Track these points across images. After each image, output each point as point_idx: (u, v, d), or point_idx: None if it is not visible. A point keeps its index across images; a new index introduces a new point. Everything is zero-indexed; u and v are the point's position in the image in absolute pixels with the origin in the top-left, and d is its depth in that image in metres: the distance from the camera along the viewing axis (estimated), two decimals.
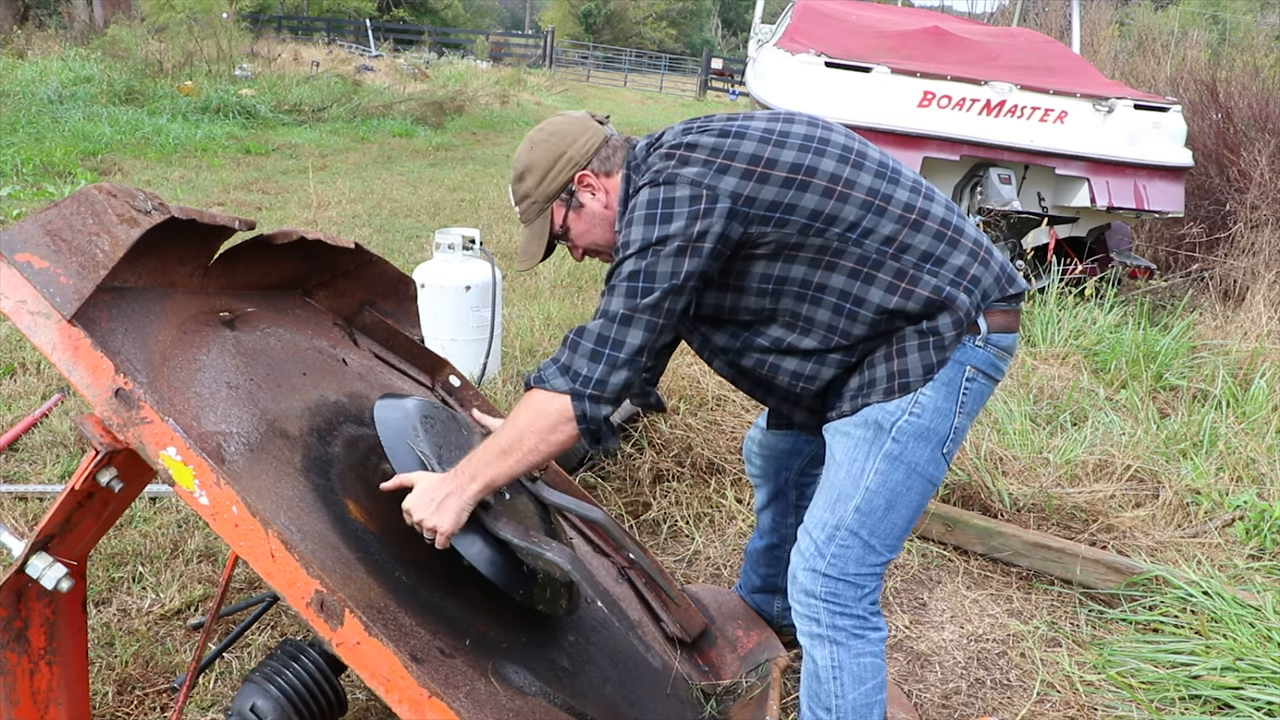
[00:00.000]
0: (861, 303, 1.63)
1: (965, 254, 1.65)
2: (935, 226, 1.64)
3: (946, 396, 1.65)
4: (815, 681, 1.75)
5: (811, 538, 1.72)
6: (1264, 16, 21.73)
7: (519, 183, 1.78)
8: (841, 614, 1.70)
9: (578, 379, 1.54)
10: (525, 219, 1.81)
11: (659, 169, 1.60)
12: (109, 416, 1.23)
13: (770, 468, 2.21)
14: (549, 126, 1.78)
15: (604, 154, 1.75)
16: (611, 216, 1.76)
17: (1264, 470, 3.36)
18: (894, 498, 1.67)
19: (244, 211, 6.61)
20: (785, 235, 1.60)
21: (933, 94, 5.28)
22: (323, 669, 1.58)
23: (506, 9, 60.71)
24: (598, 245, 1.82)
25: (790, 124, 1.67)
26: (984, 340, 1.65)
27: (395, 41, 27.80)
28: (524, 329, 4.40)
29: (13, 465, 2.90)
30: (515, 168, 1.79)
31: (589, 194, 1.76)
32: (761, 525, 2.31)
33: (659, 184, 1.58)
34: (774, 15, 9.43)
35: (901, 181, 1.67)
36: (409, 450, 1.67)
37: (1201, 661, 2.34)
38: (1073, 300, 4.95)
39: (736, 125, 1.65)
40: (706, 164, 1.58)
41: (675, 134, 1.68)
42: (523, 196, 1.79)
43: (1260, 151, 6.23)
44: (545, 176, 1.75)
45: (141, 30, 15.91)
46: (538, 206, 1.78)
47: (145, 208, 1.33)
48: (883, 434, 1.65)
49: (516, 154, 1.79)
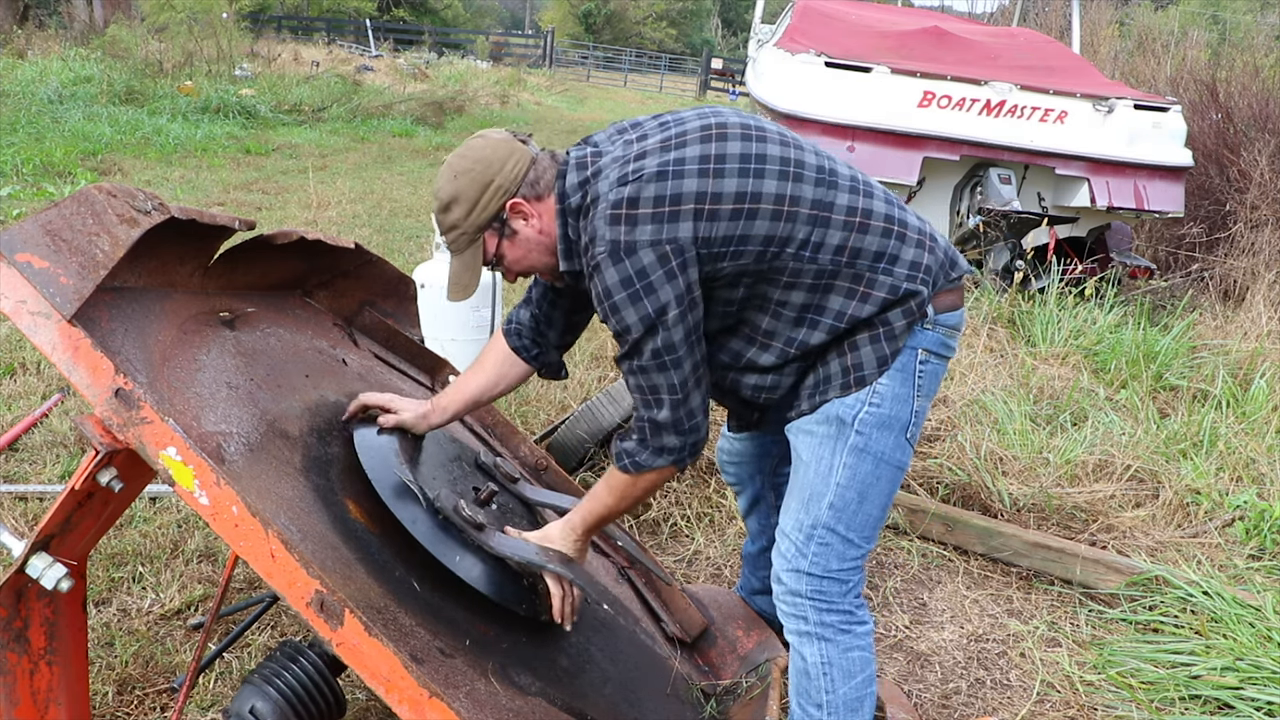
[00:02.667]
0: (822, 311, 1.64)
1: (914, 246, 1.66)
2: (880, 225, 1.64)
3: (903, 382, 1.66)
4: (805, 679, 1.75)
5: (790, 539, 1.73)
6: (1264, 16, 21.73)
7: (445, 213, 1.68)
8: (828, 610, 1.72)
9: (675, 452, 1.64)
10: (455, 250, 1.72)
11: (612, 240, 1.53)
12: (109, 416, 1.23)
13: (744, 473, 2.24)
14: (471, 153, 1.67)
15: (532, 177, 1.66)
16: (548, 241, 1.69)
17: (1264, 470, 3.36)
18: (865, 489, 1.68)
19: (244, 211, 6.61)
20: (742, 265, 1.59)
21: (933, 94, 5.28)
22: (322, 670, 1.58)
23: (506, 9, 60.70)
24: (534, 269, 1.76)
25: (724, 142, 1.60)
26: (932, 322, 1.67)
27: (395, 41, 27.80)
28: None
29: (13, 465, 2.90)
30: (439, 197, 1.68)
31: (522, 221, 1.68)
32: (750, 529, 2.33)
33: (621, 258, 1.52)
34: (774, 15, 9.43)
35: (840, 184, 1.64)
36: (396, 480, 1.67)
37: (1201, 661, 2.34)
38: (1073, 300, 4.95)
39: (672, 160, 1.57)
40: (655, 218, 1.53)
41: (611, 184, 1.58)
42: (450, 227, 1.69)
43: (1260, 151, 6.23)
44: (474, 207, 1.66)
45: (141, 30, 15.92)
46: (468, 237, 1.69)
47: (145, 208, 1.33)
48: (846, 428, 1.66)
49: (438, 183, 1.69)
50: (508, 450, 2.36)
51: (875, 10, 7.60)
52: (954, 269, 1.71)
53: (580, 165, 1.67)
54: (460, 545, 1.63)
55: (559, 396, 3.58)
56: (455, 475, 1.86)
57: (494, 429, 2.40)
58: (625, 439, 1.67)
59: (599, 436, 3.02)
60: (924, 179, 5.37)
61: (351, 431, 1.78)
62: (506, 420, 2.44)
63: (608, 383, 3.68)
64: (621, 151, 1.65)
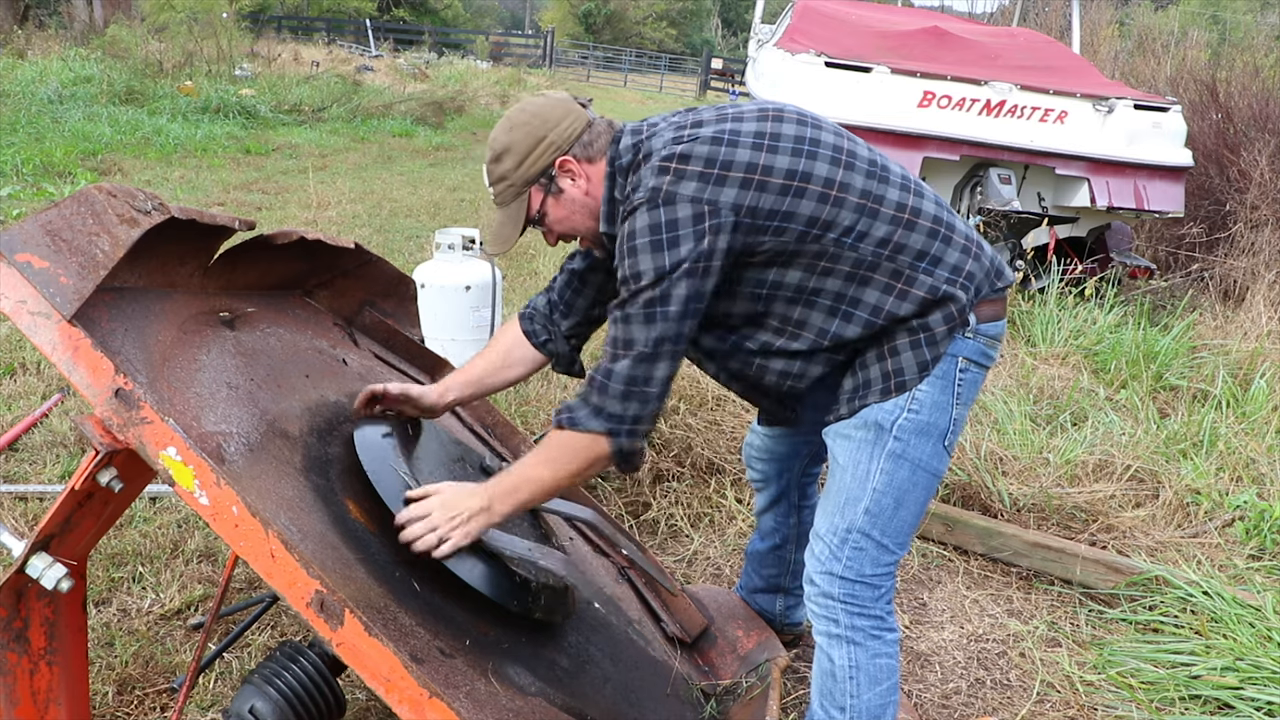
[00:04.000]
0: (857, 304, 1.63)
1: (959, 251, 1.65)
2: (928, 225, 1.63)
3: (943, 390, 1.65)
4: (831, 680, 1.75)
5: (825, 542, 1.72)
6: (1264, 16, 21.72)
7: (496, 164, 1.69)
8: (860, 615, 1.71)
9: (612, 419, 1.54)
10: (500, 201, 1.72)
11: (654, 186, 1.53)
12: (109, 416, 1.23)
13: (772, 471, 2.21)
14: (530, 107, 1.70)
15: (586, 139, 1.67)
16: (593, 205, 1.70)
17: (1264, 470, 3.36)
18: (902, 496, 1.67)
19: (244, 211, 6.61)
20: (783, 243, 1.58)
21: (933, 94, 5.28)
22: (322, 671, 1.58)
23: (506, 9, 60.70)
24: (575, 231, 1.76)
25: (780, 123, 1.62)
26: (973, 332, 1.66)
27: (395, 41, 27.80)
28: None
29: (13, 465, 2.90)
30: (492, 148, 1.70)
31: (569, 180, 1.69)
32: (763, 527, 2.31)
33: (658, 205, 1.52)
34: (774, 15, 9.43)
35: (891, 180, 1.65)
36: (392, 471, 1.67)
37: (1201, 661, 2.34)
38: (1073, 300, 4.95)
39: (729, 130, 1.60)
40: (703, 177, 1.53)
41: (665, 141, 1.61)
42: (499, 178, 1.70)
43: (1260, 151, 6.23)
44: (525, 159, 1.67)
45: (141, 30, 15.91)
46: (514, 190, 1.70)
47: (145, 208, 1.33)
48: (884, 434, 1.65)
49: (494, 133, 1.70)
50: (508, 450, 2.36)
51: (875, 10, 7.59)
52: (999, 279, 1.70)
53: (635, 130, 1.70)
54: None
55: (559, 396, 3.58)
56: (458, 476, 1.86)
57: (494, 429, 2.41)
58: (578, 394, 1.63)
59: None
60: (924, 179, 5.37)
61: (351, 431, 1.78)
62: (506, 420, 2.44)
63: None
64: (678, 119, 1.68)
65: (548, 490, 1.61)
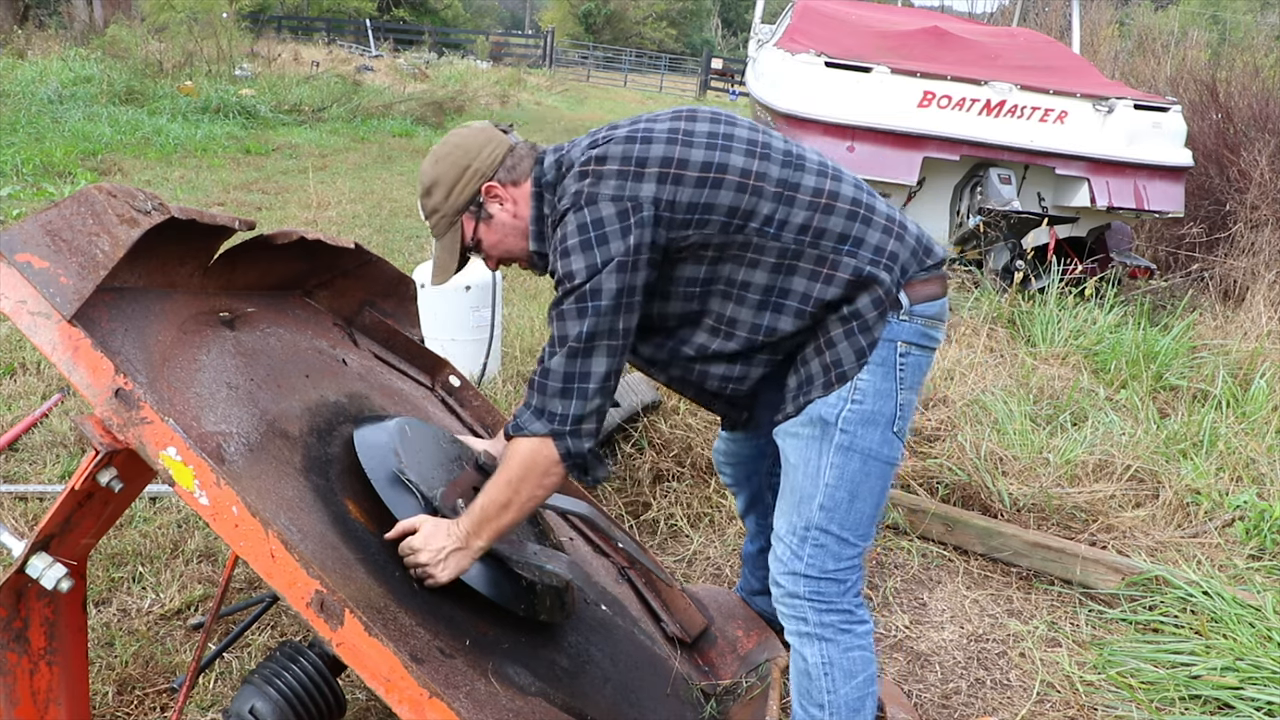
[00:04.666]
0: (786, 294, 1.65)
1: (879, 231, 1.66)
2: (846, 207, 1.65)
3: (884, 377, 1.66)
4: (806, 679, 1.75)
5: (784, 542, 1.73)
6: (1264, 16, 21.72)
7: (427, 197, 1.76)
8: (828, 610, 1.72)
9: (554, 419, 1.56)
10: (436, 233, 1.79)
11: (577, 191, 1.59)
12: (109, 416, 1.23)
13: (740, 474, 2.24)
14: (452, 139, 1.76)
15: (509, 163, 1.73)
16: (522, 226, 1.75)
17: (1264, 470, 3.36)
18: (855, 487, 1.68)
19: (244, 211, 6.61)
20: (706, 235, 1.61)
21: (933, 94, 5.28)
22: (322, 671, 1.58)
23: (506, 9, 60.70)
24: (510, 254, 1.81)
25: (694, 122, 1.67)
26: (908, 314, 1.66)
27: (395, 41, 27.80)
28: (524, 329, 4.40)
29: (13, 465, 2.90)
30: (422, 182, 1.77)
31: (497, 204, 1.75)
32: (749, 529, 2.34)
33: (582, 207, 1.57)
34: (774, 15, 9.43)
35: (807, 167, 1.67)
36: (396, 479, 1.67)
37: (1201, 661, 2.34)
38: (1073, 300, 4.95)
39: (642, 129, 1.65)
40: (621, 174, 1.58)
41: (583, 149, 1.67)
42: (432, 211, 1.76)
43: (1260, 151, 6.23)
44: (452, 190, 1.73)
45: (141, 30, 15.91)
46: (447, 220, 1.76)
47: (145, 208, 1.33)
48: (830, 428, 1.66)
49: (422, 168, 1.78)
50: None
51: (875, 10, 7.60)
52: (929, 256, 1.71)
53: (557, 149, 1.76)
54: None
55: None
56: (455, 474, 1.86)
57: (494, 429, 2.40)
58: None
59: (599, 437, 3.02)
60: (924, 179, 5.37)
61: (351, 432, 1.78)
62: (506, 420, 2.44)
63: None
64: (595, 131, 1.75)
65: (515, 508, 1.60)
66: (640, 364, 1.83)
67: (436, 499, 1.66)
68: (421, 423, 1.92)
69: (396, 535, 1.61)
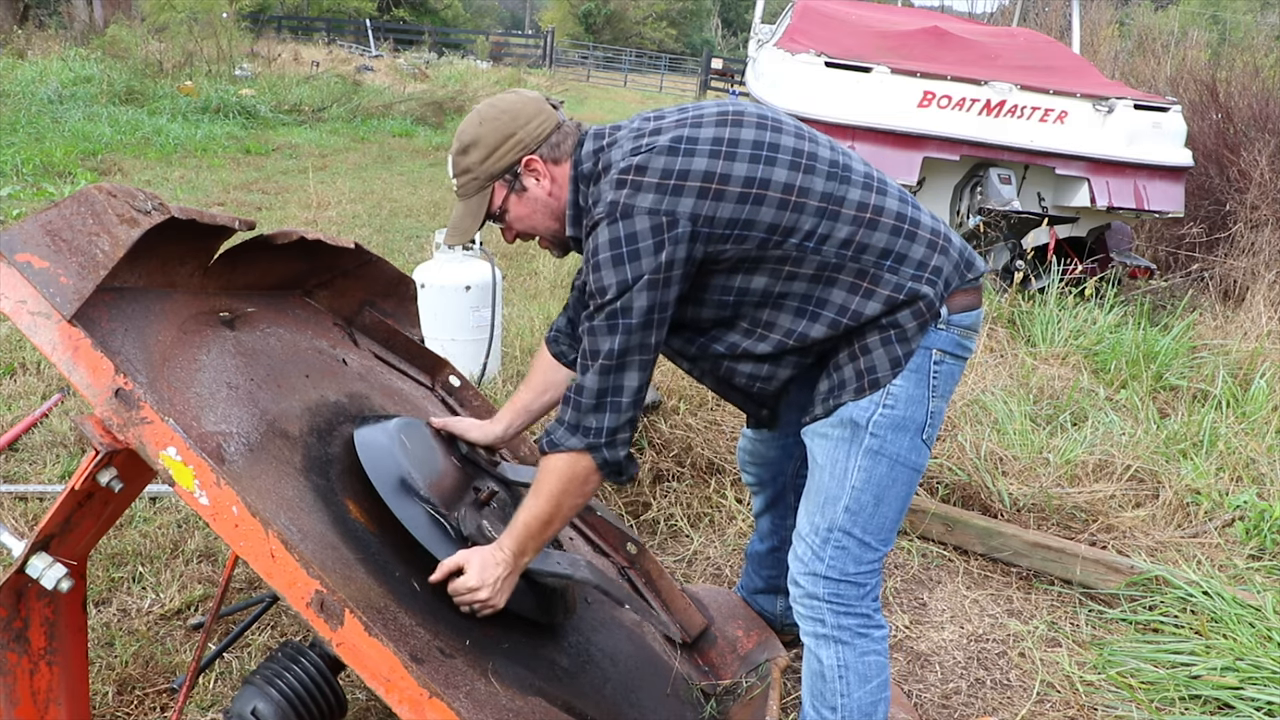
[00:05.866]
0: (824, 304, 1.63)
1: (924, 246, 1.64)
2: (891, 222, 1.63)
3: (917, 384, 1.65)
4: (820, 681, 1.74)
5: (806, 542, 1.72)
6: (1264, 16, 21.72)
7: (462, 155, 1.69)
8: (846, 613, 1.71)
9: (589, 433, 1.57)
10: (462, 194, 1.73)
11: (612, 201, 1.54)
12: (109, 416, 1.23)
13: (765, 474, 2.22)
14: (501, 103, 1.70)
15: (554, 140, 1.69)
16: (555, 206, 1.72)
17: (1264, 470, 3.36)
18: (881, 492, 1.67)
19: (244, 211, 6.61)
20: (744, 250, 1.58)
21: (933, 94, 5.28)
22: (323, 671, 1.58)
23: (506, 9, 60.69)
24: (534, 230, 1.77)
25: (739, 128, 1.61)
26: (945, 323, 1.65)
27: (395, 41, 27.79)
28: (524, 329, 4.40)
29: (13, 465, 2.90)
30: (460, 139, 1.70)
31: (534, 179, 1.70)
32: (761, 529, 2.31)
33: (616, 220, 1.53)
34: (774, 15, 9.43)
35: (853, 180, 1.64)
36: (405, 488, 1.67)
37: (1201, 661, 2.33)
38: (1073, 300, 4.95)
39: (686, 137, 1.59)
40: (660, 188, 1.54)
41: (624, 153, 1.61)
42: (464, 170, 1.70)
43: (1260, 151, 6.23)
44: (492, 154, 1.67)
45: (141, 30, 15.91)
46: (478, 184, 1.70)
47: (145, 208, 1.33)
48: (860, 431, 1.65)
49: (463, 125, 1.71)
50: (508, 449, 2.36)
51: (875, 10, 7.59)
52: (970, 269, 1.69)
53: (598, 135, 1.71)
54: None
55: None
56: (453, 475, 1.86)
57: None
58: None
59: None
60: (924, 179, 5.37)
61: (351, 432, 1.78)
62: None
63: None
64: (638, 126, 1.68)
65: (554, 520, 1.62)
66: (668, 354, 1.80)
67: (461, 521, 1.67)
68: (421, 422, 1.92)
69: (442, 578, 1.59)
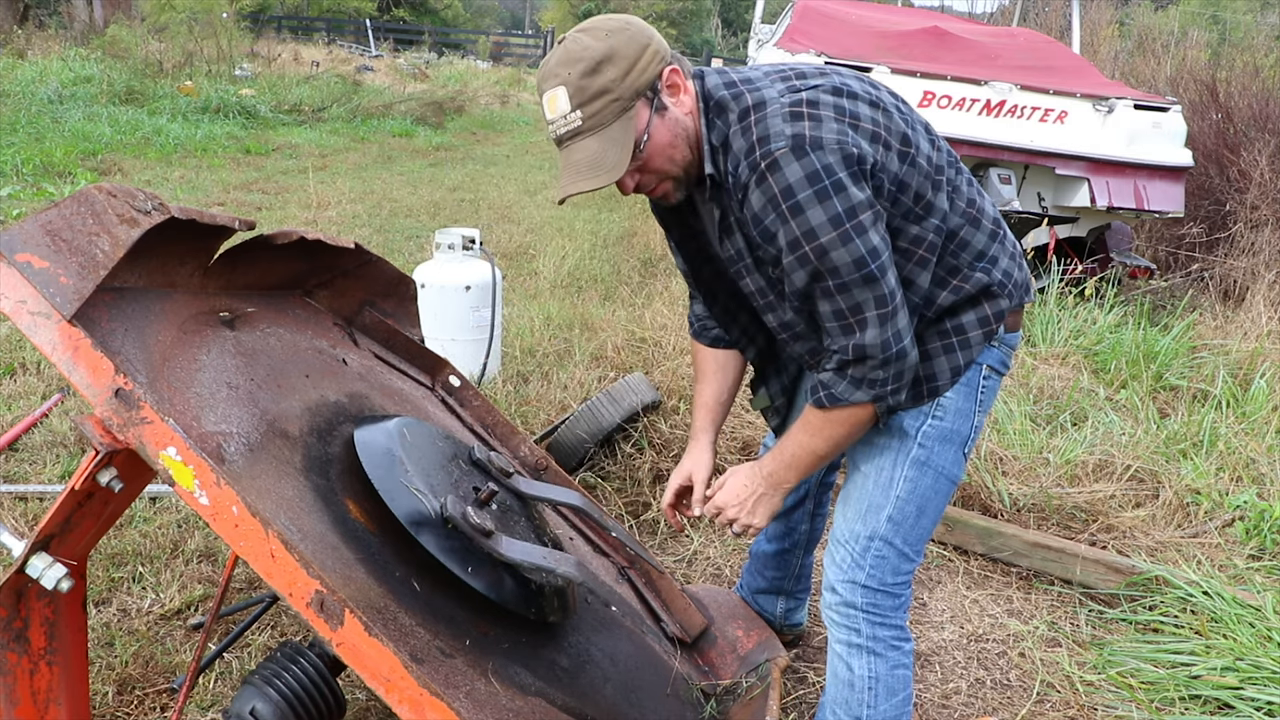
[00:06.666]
0: (909, 286, 1.52)
1: (1008, 257, 1.62)
2: (990, 226, 1.60)
3: (966, 397, 1.63)
4: (849, 690, 1.72)
5: (847, 549, 1.70)
6: (1264, 16, 21.72)
7: (594, 75, 1.39)
8: (881, 625, 1.69)
9: (876, 385, 1.48)
10: (596, 123, 1.42)
11: (795, 134, 1.36)
12: (109, 416, 1.23)
13: None
14: (611, 19, 1.46)
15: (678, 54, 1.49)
16: (691, 130, 1.48)
17: (1264, 470, 3.36)
18: (924, 503, 1.66)
19: (244, 211, 6.61)
20: (890, 215, 1.46)
21: (933, 94, 5.28)
22: (322, 671, 1.58)
23: (506, 9, 60.69)
24: (672, 164, 1.49)
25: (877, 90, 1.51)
26: (999, 340, 1.64)
27: (395, 41, 27.80)
28: (524, 329, 4.40)
29: (13, 465, 2.90)
30: (586, 57, 1.40)
31: (673, 96, 1.46)
32: (771, 530, 2.28)
33: (807, 151, 1.35)
34: (774, 15, 9.43)
35: (963, 172, 1.60)
36: (403, 488, 1.66)
37: (1201, 661, 2.33)
38: (1073, 300, 4.95)
39: (839, 83, 1.47)
40: (839, 121, 1.39)
41: (781, 89, 1.45)
42: (599, 92, 1.40)
43: (1260, 151, 6.23)
44: (634, 66, 1.40)
45: (141, 30, 15.91)
46: (620, 105, 1.41)
47: (145, 208, 1.33)
48: (908, 440, 1.63)
49: (578, 45, 1.42)
50: (508, 450, 2.36)
51: (875, 10, 7.59)
52: (1028, 293, 1.68)
53: (721, 73, 1.53)
54: (467, 551, 1.63)
55: (559, 396, 3.58)
56: (455, 476, 1.86)
57: (494, 429, 2.40)
58: (822, 369, 1.52)
59: (599, 437, 3.03)
60: None
61: (351, 432, 1.78)
62: (506, 420, 2.44)
63: (608, 383, 3.68)
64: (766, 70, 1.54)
65: (823, 460, 1.59)
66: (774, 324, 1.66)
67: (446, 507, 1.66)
68: (421, 422, 1.92)
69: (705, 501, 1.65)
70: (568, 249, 6.16)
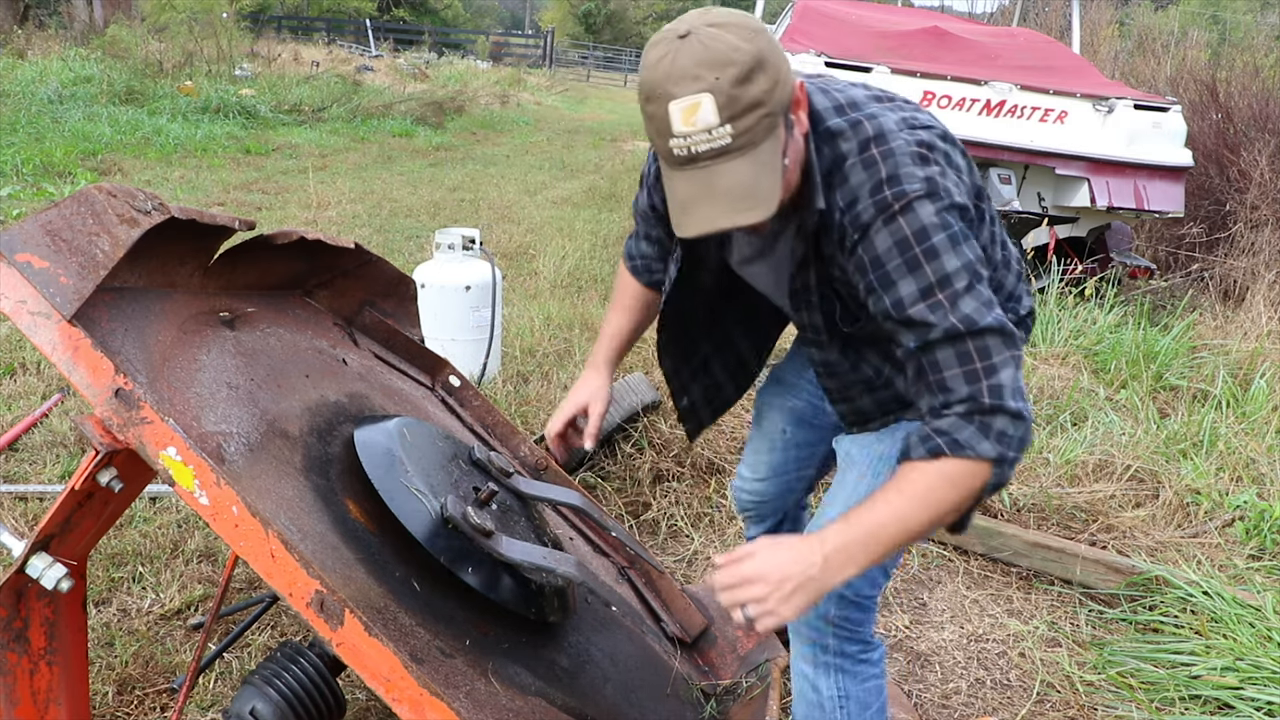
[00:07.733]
0: None
1: (1027, 295, 1.65)
2: (1016, 268, 1.63)
3: None
4: (819, 712, 1.69)
5: None
6: (1264, 16, 21.72)
7: (747, 83, 1.16)
8: (850, 639, 1.67)
9: (1004, 441, 1.26)
10: (747, 141, 1.19)
11: (927, 177, 1.30)
12: (109, 416, 1.23)
13: (766, 510, 2.19)
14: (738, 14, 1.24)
15: None
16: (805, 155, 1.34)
17: (1264, 470, 3.36)
18: None
19: (244, 211, 6.61)
20: None
21: (933, 94, 5.28)
22: (322, 672, 1.58)
23: (506, 9, 60.69)
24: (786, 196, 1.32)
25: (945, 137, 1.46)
26: None
27: (395, 41, 27.81)
28: (524, 329, 4.40)
29: (13, 465, 2.90)
30: (737, 60, 1.16)
31: (796, 113, 1.29)
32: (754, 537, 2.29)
33: (941, 197, 1.30)
34: (774, 15, 9.43)
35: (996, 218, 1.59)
36: (403, 488, 1.66)
37: (1201, 661, 2.33)
38: (1073, 300, 4.95)
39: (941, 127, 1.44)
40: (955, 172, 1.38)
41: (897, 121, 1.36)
42: (753, 104, 1.17)
43: (1260, 151, 6.23)
44: (781, 75, 1.20)
45: (141, 30, 15.92)
46: (770, 121, 1.20)
47: (145, 208, 1.33)
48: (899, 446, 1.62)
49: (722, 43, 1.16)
50: (508, 450, 2.36)
51: (875, 10, 7.59)
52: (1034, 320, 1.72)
53: (824, 91, 1.39)
54: (467, 551, 1.63)
55: (559, 396, 3.58)
56: (455, 476, 1.86)
57: (494, 429, 2.40)
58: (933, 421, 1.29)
59: None
60: None
61: (351, 432, 1.78)
62: (506, 420, 2.44)
63: None
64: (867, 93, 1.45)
65: (911, 536, 1.29)
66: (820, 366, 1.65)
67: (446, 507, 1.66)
68: (421, 422, 1.92)
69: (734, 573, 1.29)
70: (568, 249, 6.16)
